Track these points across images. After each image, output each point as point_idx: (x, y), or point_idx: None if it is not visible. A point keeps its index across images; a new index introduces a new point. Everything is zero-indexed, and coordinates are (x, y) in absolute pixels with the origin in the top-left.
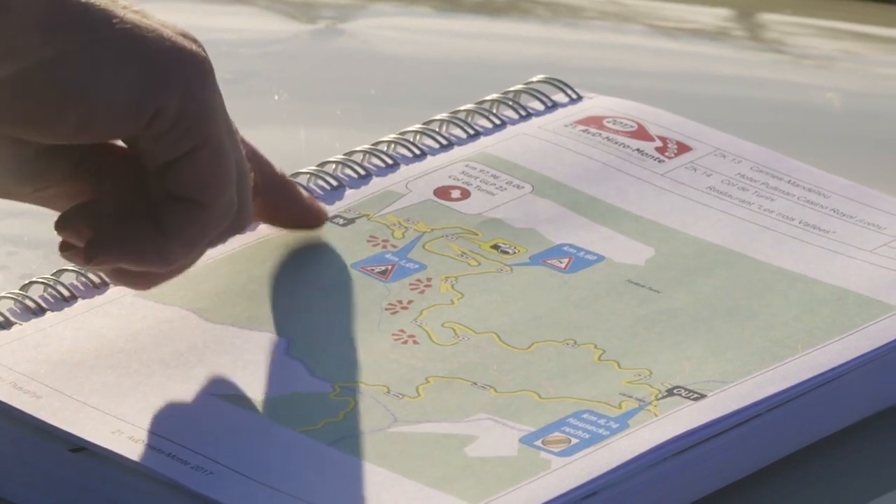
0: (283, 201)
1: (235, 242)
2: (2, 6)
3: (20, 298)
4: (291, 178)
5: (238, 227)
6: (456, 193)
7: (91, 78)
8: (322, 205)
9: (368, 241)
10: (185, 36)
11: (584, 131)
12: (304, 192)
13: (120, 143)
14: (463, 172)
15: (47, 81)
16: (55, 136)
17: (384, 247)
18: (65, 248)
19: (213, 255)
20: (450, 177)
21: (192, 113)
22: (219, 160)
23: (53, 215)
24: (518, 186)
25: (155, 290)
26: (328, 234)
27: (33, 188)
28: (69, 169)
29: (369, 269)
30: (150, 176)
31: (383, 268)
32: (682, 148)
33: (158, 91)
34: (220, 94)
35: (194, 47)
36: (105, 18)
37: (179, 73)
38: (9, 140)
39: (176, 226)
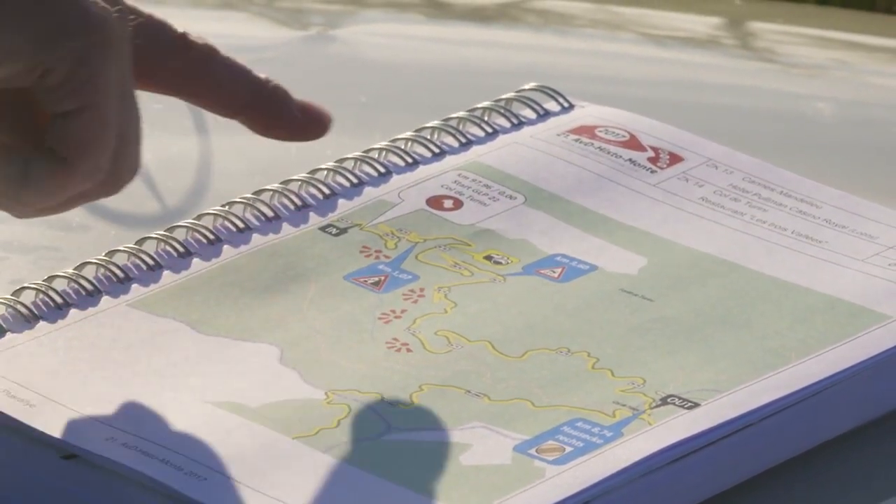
0: (270, 115)
1: (228, 253)
2: None
3: (12, 304)
4: (282, 88)
5: (105, 192)
6: (448, 203)
7: None
8: (324, 112)
9: (361, 251)
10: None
11: (576, 141)
12: (298, 102)
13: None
14: (455, 182)
15: None
16: None
17: (377, 257)
18: None
19: (206, 266)
20: (442, 186)
21: (82, 78)
22: (96, 126)
23: (43, 220)
24: (510, 197)
25: (147, 302)
26: (321, 244)
27: None
28: None
29: (362, 280)
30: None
31: (376, 279)
32: (674, 158)
33: (51, 50)
34: (120, 65)
35: (104, 12)
36: None
37: (78, 35)
38: None
39: (37, 175)
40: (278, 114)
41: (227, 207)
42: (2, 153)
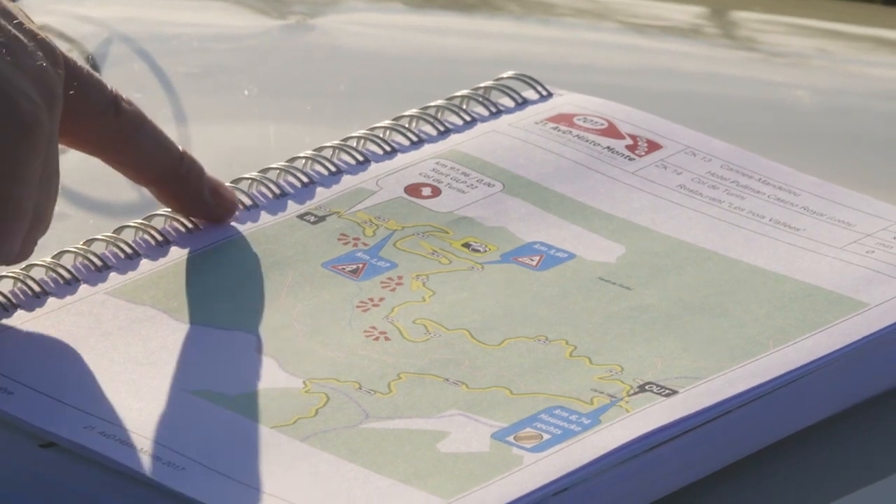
0: (181, 193)
1: (205, 241)
2: None
3: None
4: (198, 166)
5: (7, 263)
6: (427, 191)
7: None
8: (233, 197)
9: (339, 239)
10: (48, 53)
11: (554, 129)
12: (213, 184)
13: None
14: (434, 170)
15: None
16: None
17: (355, 245)
18: None
19: (183, 254)
20: (420, 174)
21: (3, 174)
22: (12, 216)
23: None
24: (489, 185)
25: (125, 290)
26: (299, 232)
27: None
28: None
29: (340, 267)
30: None
31: (354, 267)
32: (653, 146)
33: None
34: (46, 152)
35: (33, 108)
36: None
37: (5, 134)
38: None
39: None
40: (189, 193)
41: None
42: None
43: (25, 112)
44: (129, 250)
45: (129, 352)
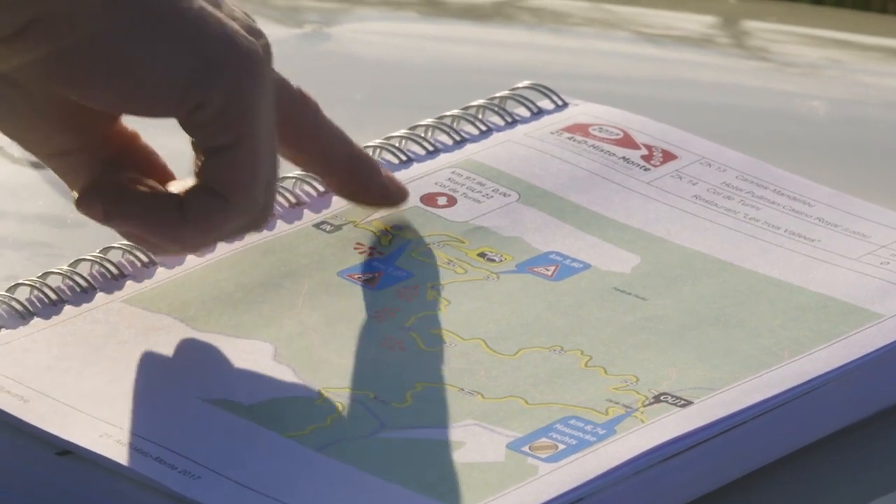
0: (363, 179)
1: (223, 250)
2: None
3: (6, 300)
4: (370, 157)
5: (256, 225)
6: (442, 200)
7: (139, 55)
8: (402, 185)
9: (355, 248)
10: (251, 31)
11: (570, 139)
12: (384, 171)
13: None
14: (449, 179)
15: (96, 49)
16: (96, 102)
17: (371, 254)
18: (82, 204)
19: (199, 262)
20: (436, 183)
21: (235, 111)
22: (252, 160)
23: (37, 217)
24: (504, 194)
25: (141, 298)
26: (315, 241)
27: (60, 147)
28: (103, 135)
29: (356, 277)
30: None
31: (370, 276)
32: (668, 156)
33: (205, 84)
34: (268, 96)
35: (253, 46)
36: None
37: (231, 70)
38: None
39: (196, 214)
40: (370, 178)
41: None
42: (150, 198)
43: (246, 49)
44: (145, 258)
45: (144, 360)
